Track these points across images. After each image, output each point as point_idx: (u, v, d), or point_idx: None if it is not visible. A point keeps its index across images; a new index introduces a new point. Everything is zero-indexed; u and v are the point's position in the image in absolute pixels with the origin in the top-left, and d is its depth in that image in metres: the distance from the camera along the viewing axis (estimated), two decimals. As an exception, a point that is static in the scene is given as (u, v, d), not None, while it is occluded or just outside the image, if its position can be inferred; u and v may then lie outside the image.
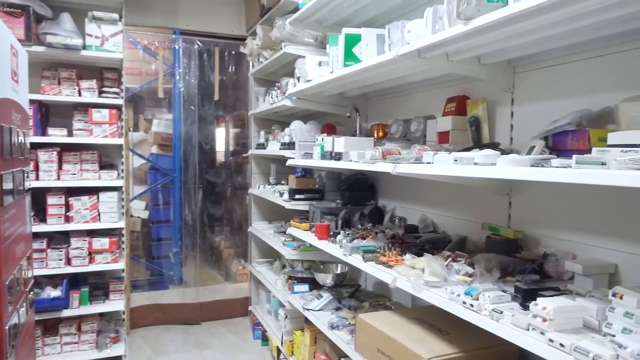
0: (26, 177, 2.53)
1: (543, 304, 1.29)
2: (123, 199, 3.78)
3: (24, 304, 2.37)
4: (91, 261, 3.56)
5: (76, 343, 3.54)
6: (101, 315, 3.75)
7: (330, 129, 3.30)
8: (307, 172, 3.84)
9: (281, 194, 3.62)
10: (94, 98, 3.58)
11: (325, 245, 2.72)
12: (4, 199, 2.00)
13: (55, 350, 3.49)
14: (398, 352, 1.77)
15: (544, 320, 1.28)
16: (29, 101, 2.76)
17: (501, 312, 1.44)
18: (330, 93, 3.22)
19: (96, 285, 3.72)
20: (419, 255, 2.10)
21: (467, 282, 1.70)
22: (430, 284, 1.77)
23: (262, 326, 4.22)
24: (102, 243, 3.55)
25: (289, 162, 3.21)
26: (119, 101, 3.65)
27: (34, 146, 3.35)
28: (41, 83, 3.48)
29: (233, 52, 5.07)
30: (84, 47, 3.47)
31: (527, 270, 1.72)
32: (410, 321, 1.98)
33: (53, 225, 3.47)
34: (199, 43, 4.85)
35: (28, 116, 2.75)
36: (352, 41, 2.41)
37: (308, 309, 2.96)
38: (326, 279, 3.10)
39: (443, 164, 1.71)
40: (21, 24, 3.26)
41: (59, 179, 3.49)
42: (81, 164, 3.56)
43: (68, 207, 3.52)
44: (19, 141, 2.30)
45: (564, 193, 1.80)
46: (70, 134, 3.57)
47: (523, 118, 2.00)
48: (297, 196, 3.37)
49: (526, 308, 1.42)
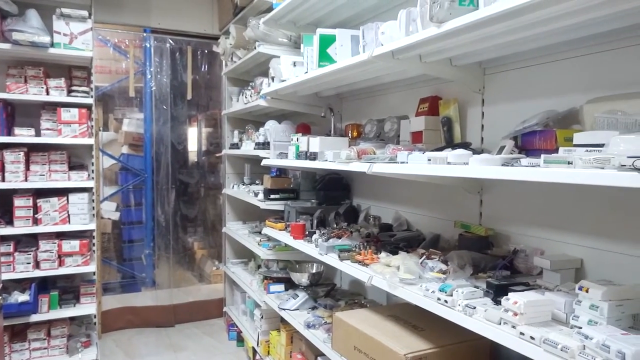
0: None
1: (514, 299, 1.34)
2: (93, 200, 3.71)
3: (-9, 310, 2.31)
4: (61, 264, 3.47)
5: (45, 348, 3.44)
6: (72, 319, 3.66)
7: (304, 129, 3.31)
8: (282, 172, 3.85)
9: (256, 194, 3.61)
10: (63, 97, 3.49)
11: (301, 244, 2.73)
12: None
13: (23, 356, 3.39)
14: (375, 349, 1.80)
15: (515, 314, 1.33)
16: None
17: (474, 308, 1.48)
18: (304, 93, 3.23)
19: (66, 288, 3.63)
20: (394, 253, 2.13)
21: (441, 279, 1.74)
22: (405, 282, 1.80)
23: (237, 327, 4.20)
24: (72, 245, 3.47)
25: (264, 162, 3.21)
26: (89, 100, 3.57)
27: (0, 146, 3.25)
28: (6, 81, 3.38)
29: (206, 51, 5.02)
30: (52, 45, 3.38)
31: (498, 266, 1.77)
32: (385, 318, 2.01)
33: (20, 227, 3.37)
34: (171, 42, 4.78)
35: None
36: (327, 42, 2.43)
37: (284, 309, 2.96)
38: (302, 279, 3.11)
39: (417, 164, 1.75)
40: (-15, 21, 3.16)
41: (27, 180, 3.39)
42: (49, 165, 3.47)
43: (36, 209, 3.43)
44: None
45: (532, 191, 1.86)
46: (38, 134, 3.47)
47: (493, 118, 2.06)
48: (272, 196, 3.37)
49: (498, 303, 1.46)
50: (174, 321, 4.69)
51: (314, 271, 3.18)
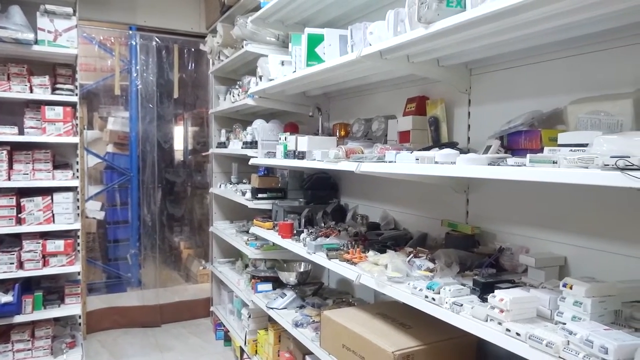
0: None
1: (500, 296, 1.36)
2: (78, 200, 3.66)
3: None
4: (45, 264, 3.42)
5: (29, 350, 3.39)
6: (56, 320, 3.61)
7: (292, 128, 3.31)
8: (270, 171, 3.84)
9: (243, 193, 3.61)
10: (47, 95, 3.44)
11: (289, 243, 2.73)
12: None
13: (7, 358, 3.33)
14: (363, 347, 1.81)
15: (501, 311, 1.35)
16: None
17: (461, 305, 1.50)
18: (292, 92, 3.23)
19: (50, 289, 3.59)
20: (382, 252, 2.14)
21: (429, 277, 1.76)
22: (393, 280, 1.82)
23: (225, 326, 4.19)
24: (57, 245, 3.43)
25: (252, 161, 3.21)
26: (74, 98, 3.53)
27: (-18, 145, 3.20)
28: (-11, 79, 3.32)
29: (193, 50, 4.99)
30: (36, 42, 3.33)
31: (484, 264, 1.80)
32: (373, 316, 2.03)
33: (3, 227, 3.31)
34: (157, 40, 4.74)
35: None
36: (315, 41, 2.44)
37: (272, 308, 2.96)
38: (290, 278, 3.11)
39: (405, 163, 1.76)
40: (-33, 17, 3.10)
41: (10, 179, 3.33)
42: (33, 164, 3.42)
43: (20, 209, 3.37)
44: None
45: (518, 190, 1.89)
46: (21, 132, 3.41)
47: (479, 118, 2.08)
48: (260, 195, 3.37)
49: (484, 300, 1.49)
50: (160, 321, 4.65)
51: (302, 270, 3.19)
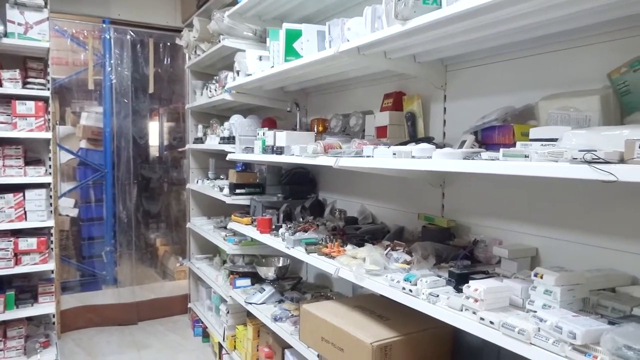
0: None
1: (474, 286, 1.40)
2: (51, 197, 3.59)
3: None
4: (17, 262, 3.34)
5: (1, 350, 3.31)
6: (29, 319, 3.54)
7: (270, 123, 3.31)
8: (247, 167, 3.84)
9: (221, 189, 3.59)
10: (18, 89, 3.35)
11: (267, 238, 2.74)
12: None
13: (-23, 359, 3.26)
14: (342, 339, 1.84)
15: (476, 300, 1.39)
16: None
17: (437, 296, 1.54)
18: (270, 87, 3.23)
19: (23, 288, 3.51)
20: (360, 245, 2.17)
21: (406, 269, 1.80)
22: (371, 273, 1.85)
23: (203, 323, 4.17)
24: (30, 243, 3.35)
25: (230, 157, 3.19)
26: (46, 93, 3.45)
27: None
28: (-44, 72, 3.22)
29: (168, 44, 4.92)
30: (6, 35, 3.23)
31: (459, 256, 1.85)
32: (352, 309, 2.06)
33: (-28, 226, 3.24)
34: (132, 33, 4.66)
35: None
36: (293, 37, 2.44)
37: (251, 303, 2.97)
38: (268, 273, 3.13)
39: (383, 158, 1.79)
40: None
41: (-21, 176, 3.25)
42: (4, 160, 3.33)
43: (-10, 206, 3.29)
44: None
45: (491, 184, 1.94)
46: (-10, 128, 3.33)
47: (454, 114, 2.13)
48: (238, 191, 3.36)
49: (459, 291, 1.53)
50: (137, 319, 4.60)
51: (281, 265, 3.20)
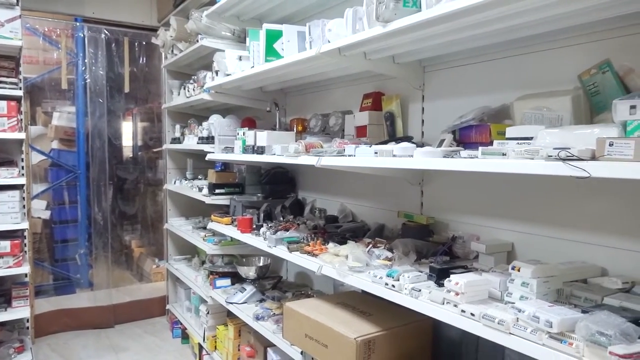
0: None
1: (455, 280, 1.45)
2: (24, 198, 3.51)
3: None
4: (-11, 266, 3.27)
5: (-27, 357, 3.24)
6: (2, 324, 3.46)
7: (250, 123, 3.32)
8: (227, 167, 3.83)
9: (200, 189, 3.58)
10: (-12, 89, 3.27)
11: (248, 238, 2.75)
12: None
13: (-52, 366, 3.17)
14: (326, 336, 1.87)
15: (457, 294, 1.44)
16: None
17: (419, 290, 1.59)
18: (248, 87, 3.24)
19: (-5, 292, 3.43)
20: (342, 243, 2.20)
21: (388, 266, 1.84)
22: (354, 269, 1.89)
23: (182, 324, 4.14)
24: (3, 246, 3.27)
25: (209, 157, 3.19)
26: (18, 92, 3.37)
27: None
28: None
29: (144, 43, 4.84)
30: (-25, 33, 3.16)
31: (439, 252, 1.90)
32: (335, 306, 2.09)
33: (-58, 229, 3.14)
34: (107, 32, 4.58)
35: None
36: (273, 37, 2.46)
37: (232, 303, 2.97)
38: (249, 272, 3.13)
39: (365, 157, 1.83)
40: None
41: (-52, 178, 3.16)
42: (-26, 161, 3.25)
43: (-40, 209, 3.20)
44: None
45: (469, 181, 2.00)
46: (-40, 128, 3.23)
47: (432, 113, 2.18)
48: (218, 191, 3.36)
49: (441, 285, 1.58)
50: (114, 322, 4.53)
51: (262, 264, 3.21)
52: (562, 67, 1.63)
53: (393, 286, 1.66)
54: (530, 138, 1.36)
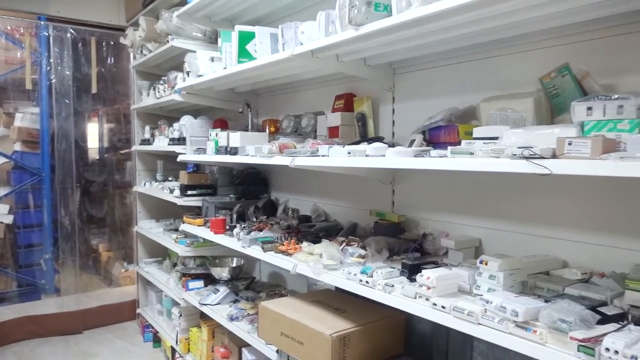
0: None
1: (427, 275, 1.51)
2: (-13, 202, 3.40)
3: None
4: (-50, 273, 3.15)
5: None
6: (-36, 333, 3.35)
7: (222, 124, 3.31)
8: (198, 168, 3.81)
9: (171, 191, 3.55)
10: (-52, 89, 3.16)
11: (222, 239, 2.75)
12: None
13: None
14: (302, 333, 1.90)
15: (428, 288, 1.49)
16: None
17: (392, 286, 1.64)
18: (220, 88, 3.24)
19: (-44, 300, 3.31)
20: (316, 242, 2.24)
21: (361, 263, 1.88)
22: (328, 267, 1.92)
23: (153, 328, 4.09)
24: (-36, 252, 3.17)
25: (181, 158, 3.17)
26: (-20, 93, 3.27)
27: None
28: None
29: (112, 43, 4.76)
30: None
31: (410, 249, 1.96)
32: (309, 304, 2.12)
33: None
34: (72, 31, 4.47)
35: None
36: (246, 38, 2.48)
37: (205, 304, 2.96)
38: (222, 273, 3.13)
39: (338, 157, 1.87)
40: None
41: None
42: None
43: None
44: None
45: (438, 180, 2.07)
46: None
47: (403, 114, 2.25)
48: (190, 192, 3.34)
49: (413, 281, 1.63)
50: (83, 327, 4.43)
51: (235, 265, 3.22)
52: (525, 70, 1.72)
53: (367, 282, 1.71)
54: (496, 138, 1.43)
